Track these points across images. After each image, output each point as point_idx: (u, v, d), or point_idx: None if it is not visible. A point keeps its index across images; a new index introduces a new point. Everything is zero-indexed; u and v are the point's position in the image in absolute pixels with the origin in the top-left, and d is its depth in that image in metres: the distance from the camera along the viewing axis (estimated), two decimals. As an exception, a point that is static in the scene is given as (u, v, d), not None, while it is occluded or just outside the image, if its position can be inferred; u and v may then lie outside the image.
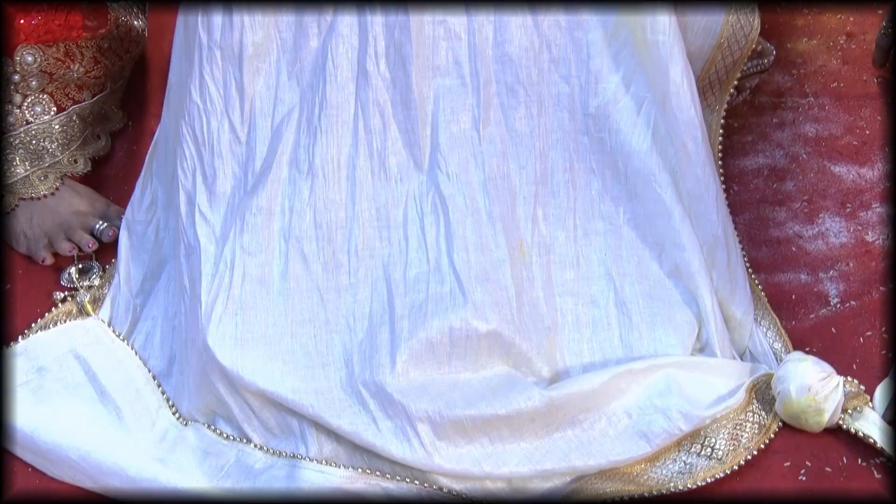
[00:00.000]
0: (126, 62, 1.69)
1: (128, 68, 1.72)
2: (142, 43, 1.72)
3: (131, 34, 1.67)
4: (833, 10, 1.74)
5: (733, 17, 1.43)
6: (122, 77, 1.71)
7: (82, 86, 1.60)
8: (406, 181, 1.34)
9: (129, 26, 1.67)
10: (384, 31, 1.31)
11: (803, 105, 1.66)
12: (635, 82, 1.34)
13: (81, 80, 1.59)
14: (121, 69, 1.69)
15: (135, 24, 1.68)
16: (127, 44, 1.67)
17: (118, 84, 1.70)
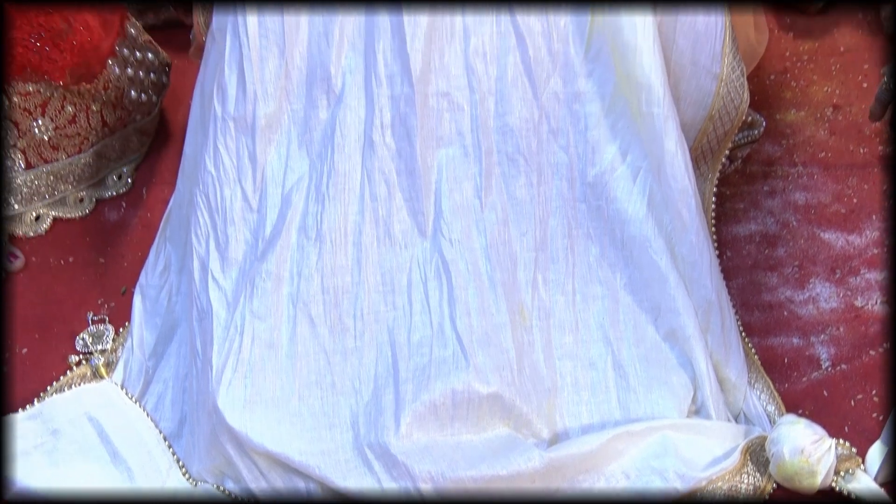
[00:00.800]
0: (117, 131, 1.69)
1: (132, 145, 1.72)
2: (140, 116, 1.72)
3: (123, 102, 1.67)
4: (820, 83, 1.76)
5: (724, 89, 1.44)
6: (120, 150, 1.71)
7: (56, 146, 1.61)
8: (410, 247, 1.34)
9: (123, 91, 1.67)
10: (390, 104, 1.32)
11: (793, 174, 1.66)
12: (631, 152, 1.35)
13: (53, 139, 1.60)
14: (113, 138, 1.69)
15: (132, 93, 1.69)
16: (120, 112, 1.67)
17: (117, 154, 1.70)
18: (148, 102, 1.72)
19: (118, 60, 1.65)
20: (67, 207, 1.68)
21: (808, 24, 1.83)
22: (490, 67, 1.32)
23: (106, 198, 1.70)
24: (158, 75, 1.74)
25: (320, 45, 1.31)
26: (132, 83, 1.68)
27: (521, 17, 1.30)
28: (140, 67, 1.70)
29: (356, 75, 1.32)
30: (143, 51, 1.71)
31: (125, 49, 1.67)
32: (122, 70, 1.66)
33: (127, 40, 1.68)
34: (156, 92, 1.74)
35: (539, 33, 1.31)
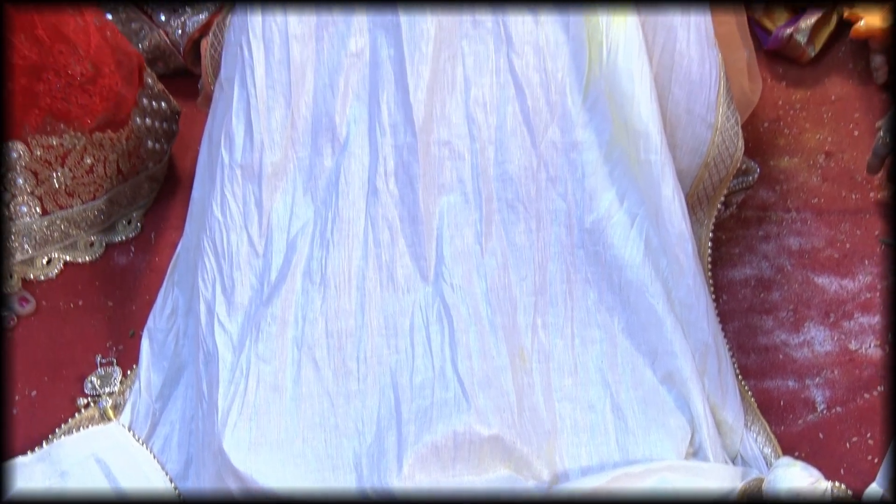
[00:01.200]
0: (130, 179, 1.70)
1: (143, 191, 1.73)
2: (152, 164, 1.73)
3: (139, 151, 1.69)
4: (812, 131, 1.77)
5: (719, 137, 1.45)
6: (132, 196, 1.72)
7: (72, 193, 1.62)
8: (413, 292, 1.34)
9: (141, 141, 1.68)
10: (393, 152, 1.33)
11: (787, 219, 1.67)
12: (628, 199, 1.35)
13: (70, 187, 1.61)
14: (126, 185, 1.70)
15: (148, 142, 1.70)
16: (134, 160, 1.68)
17: (129, 200, 1.71)
18: (160, 150, 1.74)
19: (139, 110, 1.67)
20: (78, 251, 1.69)
21: (800, 73, 1.84)
22: (490, 117, 1.33)
23: (116, 242, 1.71)
24: (170, 124, 1.76)
25: (325, 95, 1.33)
26: (149, 132, 1.70)
27: (519, 68, 1.32)
28: (156, 117, 1.71)
29: (360, 124, 1.33)
30: (158, 100, 1.72)
31: (144, 99, 1.68)
32: (143, 120, 1.68)
33: (145, 90, 1.69)
34: (167, 140, 1.75)
35: (537, 84, 1.32)
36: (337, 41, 1.32)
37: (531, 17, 1.30)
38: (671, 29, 1.36)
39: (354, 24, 1.31)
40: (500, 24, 1.31)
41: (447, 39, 1.30)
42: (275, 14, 1.30)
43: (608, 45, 1.28)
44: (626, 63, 1.29)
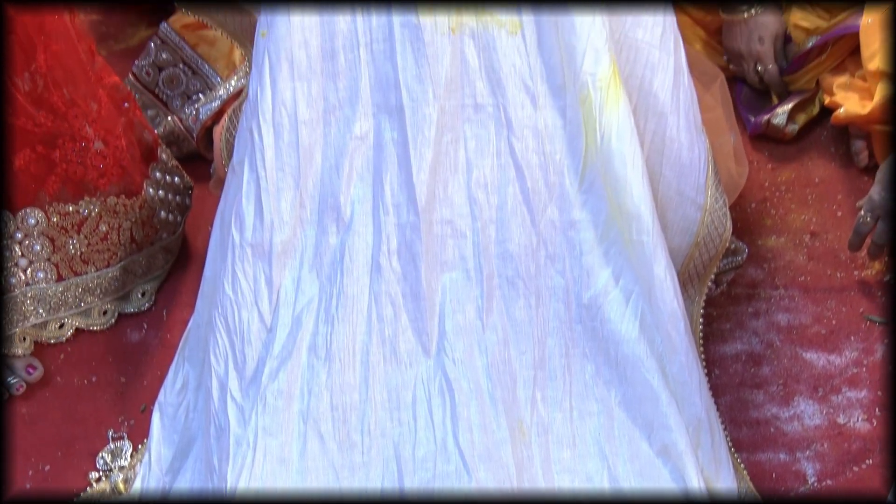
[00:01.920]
0: (144, 248, 1.69)
1: (157, 262, 1.73)
2: (166, 235, 1.73)
3: (153, 221, 1.69)
4: (797, 211, 1.77)
5: (708, 218, 1.45)
6: (147, 266, 1.71)
7: (87, 260, 1.61)
8: (415, 365, 1.33)
9: (154, 211, 1.68)
10: (396, 231, 1.32)
11: (775, 296, 1.66)
12: (624, 277, 1.34)
13: (85, 254, 1.61)
14: (140, 255, 1.69)
15: (161, 213, 1.70)
16: (148, 230, 1.69)
17: (143, 270, 1.70)
18: (174, 222, 1.74)
19: (152, 182, 1.68)
20: (92, 319, 1.68)
21: (784, 156, 1.85)
22: (491, 197, 1.33)
23: (128, 312, 1.70)
24: (183, 197, 1.77)
25: (331, 176, 1.33)
26: (162, 203, 1.70)
27: (519, 151, 1.32)
28: (169, 190, 1.72)
29: (364, 204, 1.33)
30: (172, 174, 1.74)
31: (157, 172, 1.69)
32: (156, 191, 1.68)
33: (159, 164, 1.70)
34: (180, 212, 1.76)
35: (537, 166, 1.33)
36: (343, 125, 1.32)
37: (530, 102, 1.31)
38: (662, 115, 1.37)
39: (360, 109, 1.31)
40: (500, 109, 1.31)
41: (449, 123, 1.30)
42: (285, 99, 1.30)
43: (602, 130, 1.29)
44: (619, 147, 1.29)
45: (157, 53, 1.97)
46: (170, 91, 1.96)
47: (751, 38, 1.84)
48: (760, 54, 1.84)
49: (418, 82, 1.28)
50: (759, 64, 1.86)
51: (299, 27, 1.28)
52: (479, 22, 1.28)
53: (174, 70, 1.97)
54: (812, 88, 1.86)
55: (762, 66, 1.86)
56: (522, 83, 1.30)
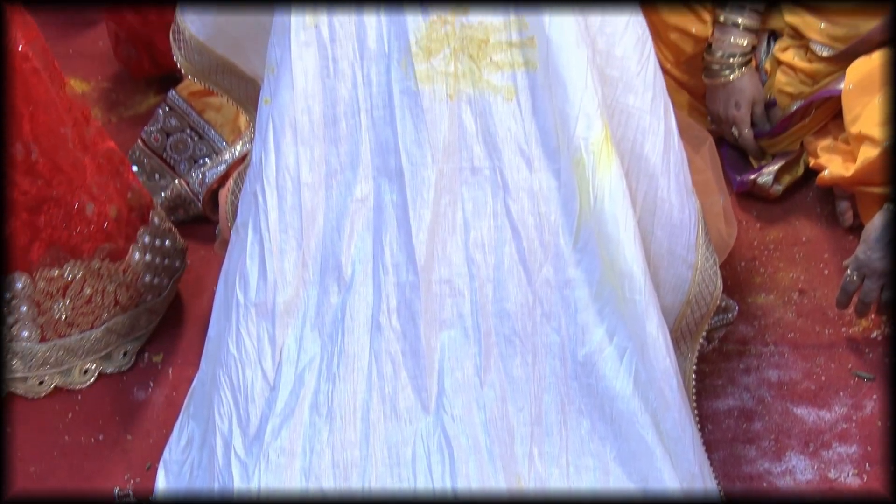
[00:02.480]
0: (129, 311, 1.69)
1: (141, 322, 1.72)
2: (151, 297, 1.72)
3: (137, 284, 1.68)
4: (786, 270, 1.78)
5: (699, 276, 1.45)
6: (130, 327, 1.71)
7: (71, 323, 1.61)
8: (415, 422, 1.32)
9: (139, 276, 1.68)
10: (396, 290, 1.32)
11: (765, 353, 1.66)
12: (618, 334, 1.34)
13: (70, 317, 1.60)
14: (124, 316, 1.69)
15: (146, 277, 1.70)
16: (132, 292, 1.68)
17: (126, 331, 1.70)
18: (159, 285, 1.73)
19: (139, 247, 1.68)
20: (72, 378, 1.67)
21: (772, 217, 1.86)
22: (488, 257, 1.33)
23: (108, 373, 1.69)
24: (173, 260, 1.75)
25: (333, 237, 1.33)
26: (147, 268, 1.70)
27: (515, 212, 1.32)
28: (157, 254, 1.72)
29: (365, 264, 1.33)
30: (163, 238, 1.73)
31: (147, 237, 1.69)
32: (142, 256, 1.68)
33: (150, 228, 1.70)
34: (168, 275, 1.74)
35: (532, 227, 1.33)
36: (344, 188, 1.33)
37: (525, 165, 1.31)
38: (653, 177, 1.38)
39: (360, 173, 1.32)
40: (496, 172, 1.32)
41: (447, 186, 1.31)
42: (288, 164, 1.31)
43: (595, 192, 1.29)
44: (611, 209, 1.29)
45: (165, 119, 1.99)
46: (177, 155, 1.98)
47: (728, 104, 1.87)
48: (736, 119, 1.87)
49: (417, 147, 1.29)
50: (735, 128, 1.88)
51: (302, 94, 1.30)
52: (475, 89, 1.29)
53: (181, 135, 1.98)
54: (797, 150, 1.88)
55: (737, 130, 1.88)
56: (518, 147, 1.31)
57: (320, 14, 1.28)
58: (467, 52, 1.28)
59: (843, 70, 1.74)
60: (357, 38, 1.28)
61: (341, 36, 1.28)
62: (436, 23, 1.27)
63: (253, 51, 1.49)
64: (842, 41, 1.77)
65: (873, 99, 1.67)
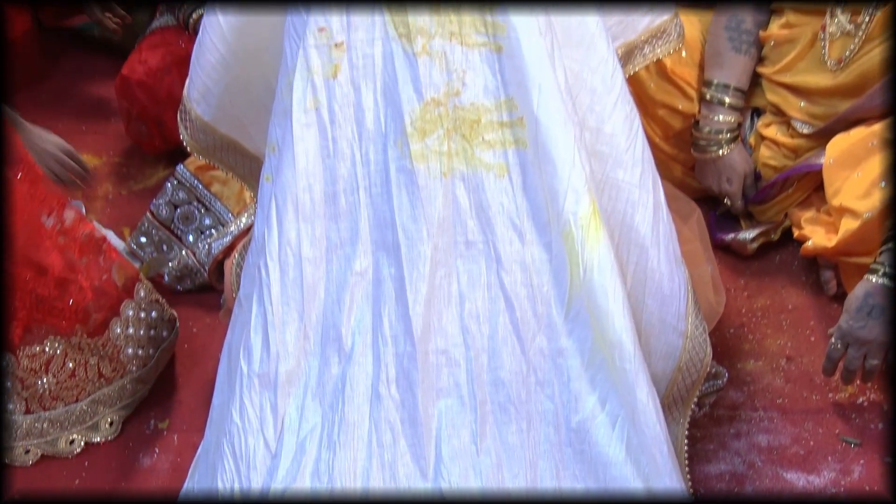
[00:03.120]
0: (113, 382, 1.70)
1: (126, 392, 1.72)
2: (136, 368, 1.73)
3: (119, 357, 1.69)
4: (773, 336, 1.79)
5: (689, 344, 1.46)
6: (116, 398, 1.71)
7: (56, 396, 1.62)
8: (413, 489, 1.32)
9: (120, 349, 1.69)
10: (395, 361, 1.33)
11: (755, 418, 1.67)
12: (610, 402, 1.35)
13: (54, 391, 1.61)
14: (109, 388, 1.70)
15: (128, 350, 1.71)
16: (115, 364, 1.69)
17: (112, 401, 1.70)
18: (144, 356, 1.74)
19: (121, 321, 1.69)
20: (57, 448, 1.67)
21: (759, 284, 1.88)
22: (483, 327, 1.35)
23: (94, 442, 1.69)
24: (159, 331, 1.76)
25: (333, 310, 1.35)
26: (129, 340, 1.70)
27: (508, 284, 1.34)
28: (142, 325, 1.72)
29: (364, 336, 1.34)
30: (149, 310, 1.74)
31: (130, 310, 1.70)
32: (123, 329, 1.69)
33: (135, 301, 1.71)
34: (154, 346, 1.75)
35: (525, 298, 1.35)
36: (344, 262, 1.35)
37: (518, 238, 1.33)
38: (643, 248, 1.40)
39: (360, 247, 1.34)
40: (490, 246, 1.34)
41: (442, 259, 1.33)
42: (290, 239, 1.33)
43: (584, 265, 1.31)
44: (600, 280, 1.31)
45: (173, 193, 2.02)
46: (184, 227, 2.01)
47: (720, 179, 1.90)
48: (729, 193, 1.91)
49: (413, 222, 1.31)
50: (728, 200, 1.93)
51: (304, 173, 1.32)
52: (468, 166, 1.32)
53: (189, 207, 2.01)
54: (779, 220, 1.91)
55: (731, 202, 1.93)
56: (510, 221, 1.33)
57: (320, 97, 1.31)
58: (460, 131, 1.31)
59: (823, 145, 1.78)
60: (356, 120, 1.32)
61: (340, 118, 1.31)
62: (429, 104, 1.30)
63: (255, 130, 1.52)
64: (820, 119, 1.81)
65: (853, 173, 1.71)
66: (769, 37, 1.85)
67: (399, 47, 1.29)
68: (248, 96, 1.49)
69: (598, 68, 1.37)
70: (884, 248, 1.56)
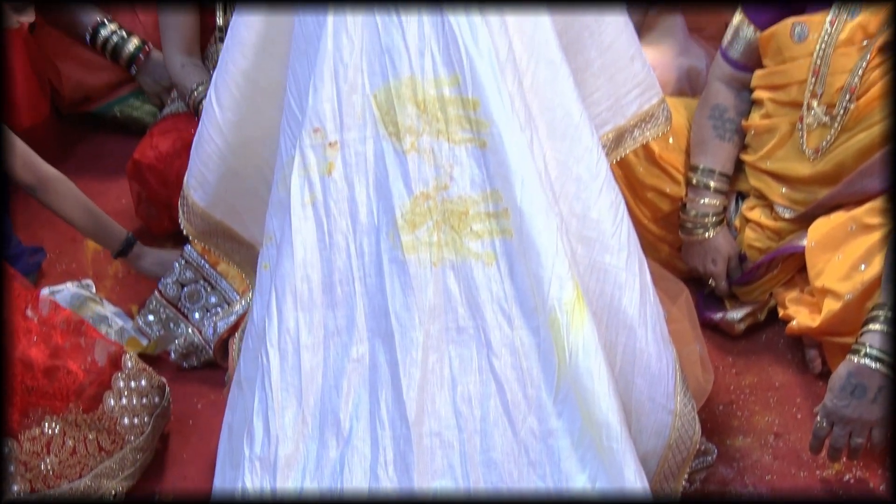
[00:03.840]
0: (114, 454, 1.70)
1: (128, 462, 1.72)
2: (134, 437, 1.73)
3: (116, 428, 1.70)
4: (761, 413, 1.80)
5: (678, 422, 1.47)
6: (118, 469, 1.71)
7: (60, 475, 1.63)
8: (410, 568, 1.33)
9: (116, 420, 1.70)
10: (392, 444, 1.34)
11: (745, 494, 1.67)
12: (599, 479, 1.36)
13: (57, 470, 1.62)
14: (111, 460, 1.70)
15: (125, 420, 1.71)
16: (114, 436, 1.70)
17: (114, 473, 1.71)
18: (140, 425, 1.74)
19: (114, 392, 1.70)
20: None
21: (746, 362, 1.89)
22: (475, 410, 1.36)
23: None
24: (151, 397, 1.76)
25: (331, 395, 1.36)
26: (124, 410, 1.71)
27: (499, 368, 1.36)
28: (133, 394, 1.73)
29: (362, 420, 1.36)
30: (139, 379, 1.75)
31: (121, 381, 1.71)
32: (117, 401, 1.70)
33: (123, 372, 1.72)
34: (148, 413, 1.75)
35: (515, 381, 1.36)
36: (341, 349, 1.37)
37: (507, 323, 1.35)
38: (631, 329, 1.42)
39: (356, 335, 1.37)
40: (480, 331, 1.36)
41: (434, 345, 1.35)
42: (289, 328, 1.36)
43: (570, 349, 1.33)
44: (585, 363, 1.33)
45: (181, 272, 2.05)
46: (191, 305, 2.03)
47: (705, 260, 1.93)
48: (714, 274, 1.93)
49: (406, 310, 1.34)
50: (713, 281, 1.95)
51: (302, 264, 1.35)
52: (458, 256, 1.35)
53: (196, 286, 2.04)
54: (764, 299, 1.92)
55: (715, 283, 1.95)
56: (499, 307, 1.35)
57: (317, 193, 1.34)
58: (449, 223, 1.34)
59: (805, 228, 1.80)
60: (350, 214, 1.35)
61: (336, 212, 1.35)
62: (419, 198, 1.33)
63: (249, 217, 1.57)
64: (801, 204, 1.84)
65: (834, 256, 1.73)
66: (751, 126, 1.90)
67: (389, 145, 1.33)
68: (242, 185, 1.54)
69: (582, 157, 1.40)
70: (865, 330, 1.58)
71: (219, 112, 1.48)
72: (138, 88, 2.47)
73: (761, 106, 1.87)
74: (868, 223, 1.71)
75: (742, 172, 1.94)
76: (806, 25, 1.77)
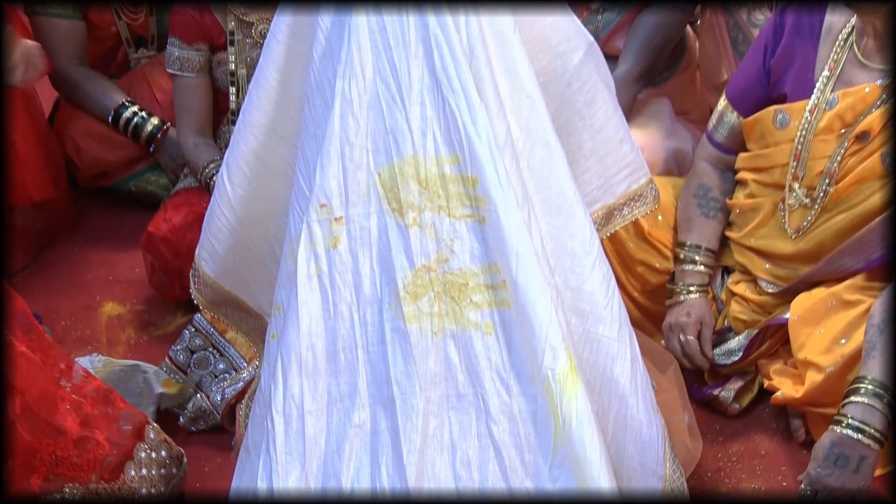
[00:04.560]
0: None
1: None
2: None
3: (134, 498, 1.68)
4: (748, 480, 1.80)
5: (668, 487, 1.47)
6: None
7: None
8: None
9: (134, 491, 1.68)
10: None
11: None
12: None
13: None
14: None
15: (142, 490, 1.69)
16: None
17: None
18: (157, 494, 1.73)
19: (135, 463, 1.69)
20: None
21: (733, 432, 1.89)
22: (474, 475, 1.37)
23: None
24: (169, 468, 1.76)
25: (334, 459, 1.37)
26: (143, 481, 1.70)
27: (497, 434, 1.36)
28: (153, 465, 1.72)
29: (363, 483, 1.36)
30: (159, 450, 1.74)
31: (142, 452, 1.71)
32: (137, 471, 1.69)
33: (146, 443, 1.72)
34: (164, 483, 1.74)
35: (513, 446, 1.36)
36: (343, 415, 1.38)
37: (505, 391, 1.36)
38: (623, 398, 1.43)
39: (358, 401, 1.37)
40: (479, 398, 1.37)
41: (435, 411, 1.36)
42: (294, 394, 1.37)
43: (563, 417, 1.34)
44: (578, 431, 1.33)
45: (191, 339, 2.06)
46: (199, 371, 2.04)
47: (680, 313, 1.92)
48: (684, 325, 1.90)
49: (407, 378, 1.35)
50: (682, 334, 1.90)
51: (307, 333, 1.37)
52: (458, 326, 1.36)
53: (204, 353, 2.05)
54: (752, 371, 1.93)
55: (684, 336, 1.89)
56: (498, 375, 1.36)
57: (322, 266, 1.37)
58: (449, 294, 1.36)
59: (788, 302, 1.82)
60: (354, 285, 1.37)
61: (340, 284, 1.37)
62: (420, 271, 1.36)
63: (257, 287, 1.59)
64: (784, 280, 1.87)
65: (815, 329, 1.75)
66: (735, 205, 1.93)
67: (392, 220, 1.36)
68: (250, 257, 1.57)
69: (576, 233, 1.43)
70: (846, 401, 1.59)
71: (230, 188, 1.51)
72: (153, 164, 2.52)
73: (745, 186, 1.91)
74: (848, 299, 1.74)
75: (727, 248, 1.97)
76: (787, 113, 1.82)
